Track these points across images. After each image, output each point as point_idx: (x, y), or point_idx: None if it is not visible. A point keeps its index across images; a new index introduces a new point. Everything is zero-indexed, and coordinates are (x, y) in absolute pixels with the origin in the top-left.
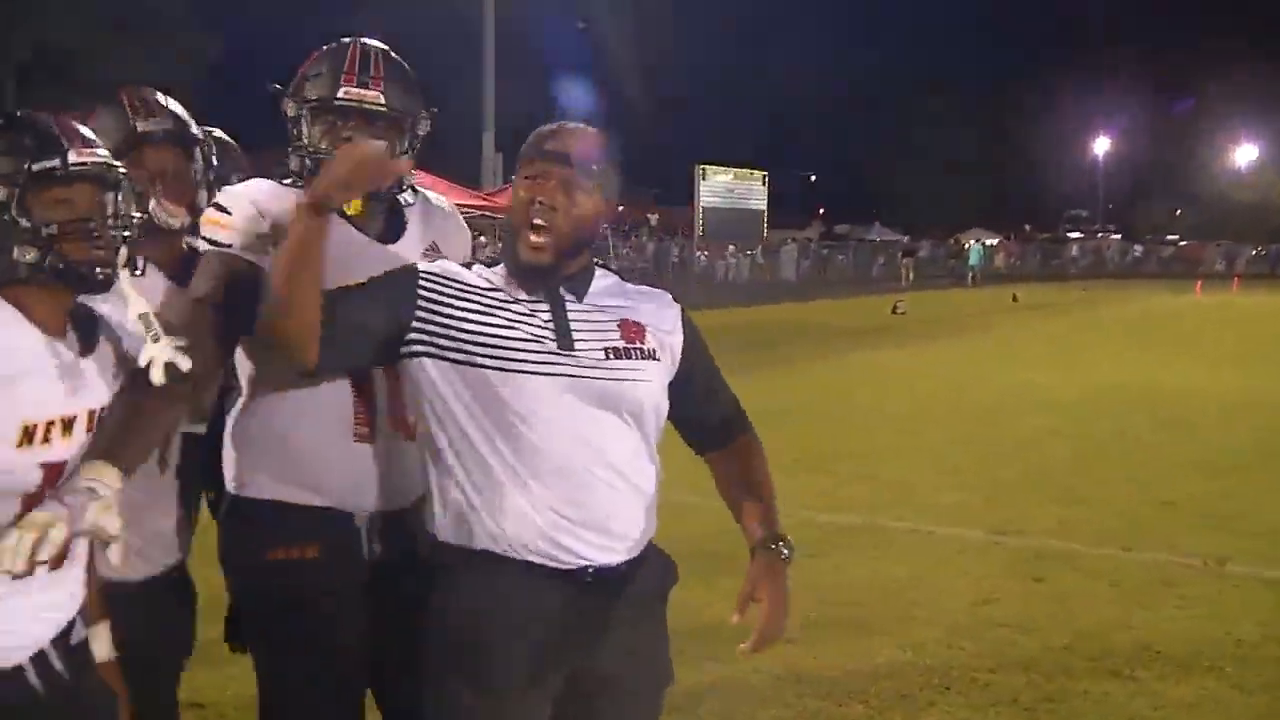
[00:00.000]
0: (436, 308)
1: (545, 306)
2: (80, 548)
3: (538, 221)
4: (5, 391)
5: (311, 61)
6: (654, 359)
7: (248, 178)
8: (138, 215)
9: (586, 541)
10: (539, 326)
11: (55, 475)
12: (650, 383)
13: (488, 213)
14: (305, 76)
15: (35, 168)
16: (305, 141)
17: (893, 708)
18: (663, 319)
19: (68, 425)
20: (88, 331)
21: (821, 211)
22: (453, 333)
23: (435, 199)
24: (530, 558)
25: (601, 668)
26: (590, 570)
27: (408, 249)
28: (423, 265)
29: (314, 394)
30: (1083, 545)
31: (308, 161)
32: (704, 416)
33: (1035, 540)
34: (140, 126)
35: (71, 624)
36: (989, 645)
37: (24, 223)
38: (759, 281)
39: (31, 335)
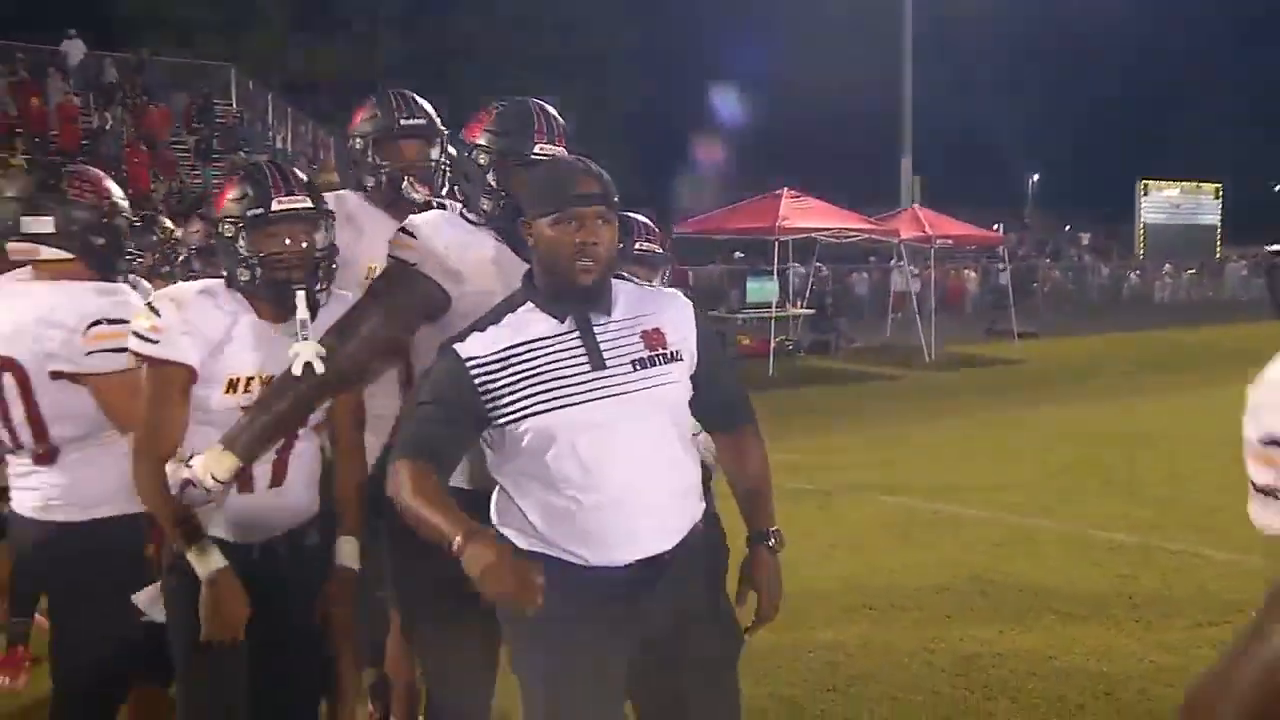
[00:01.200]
0: (492, 387)
1: (575, 333)
2: (301, 474)
3: (587, 262)
4: (216, 354)
5: (494, 118)
6: (677, 359)
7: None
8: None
9: (641, 542)
10: (572, 353)
11: None
12: (676, 383)
13: (874, 237)
14: (495, 132)
15: (250, 213)
16: (497, 187)
17: None
18: (680, 321)
19: (264, 382)
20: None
21: None
22: (513, 397)
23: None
24: (589, 561)
25: (670, 639)
26: (639, 561)
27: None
28: (463, 352)
29: None
30: None
31: (500, 204)
32: (708, 399)
33: None
34: (402, 121)
35: (305, 528)
36: None
37: (243, 252)
38: (1200, 301)
39: (247, 318)
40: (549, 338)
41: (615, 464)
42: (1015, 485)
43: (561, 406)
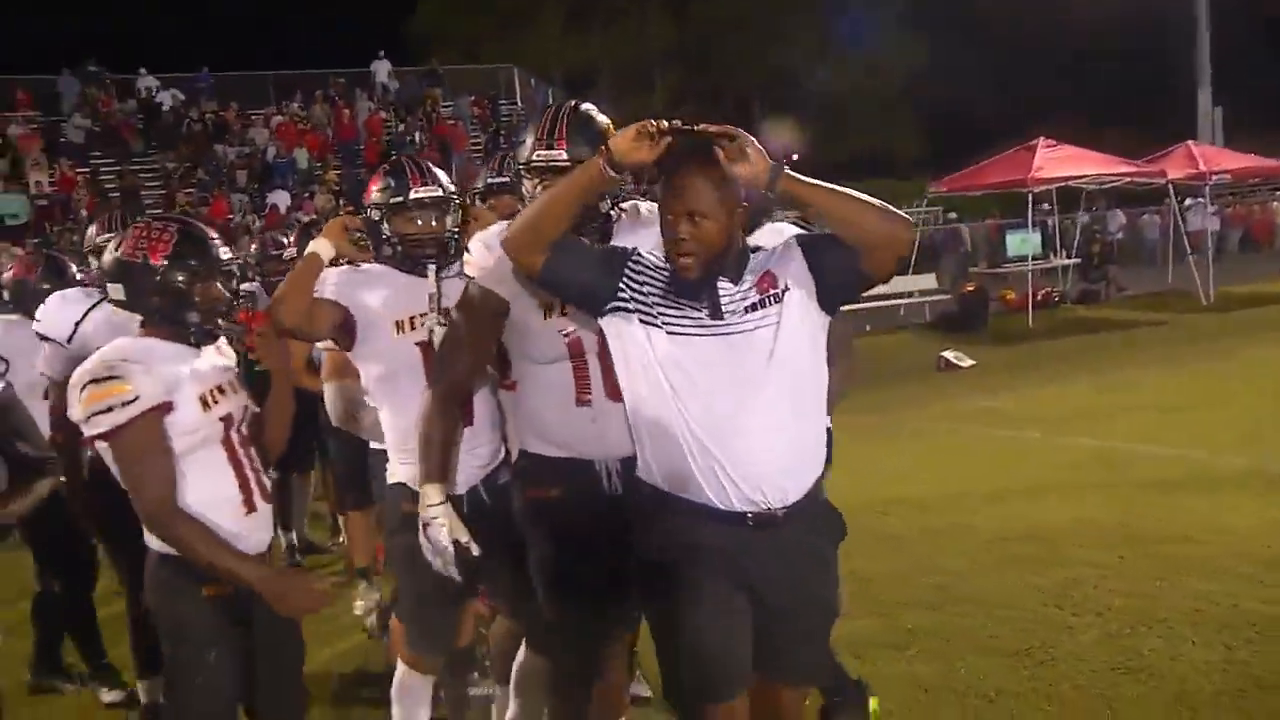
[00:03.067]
0: (636, 281)
1: (705, 292)
2: (485, 420)
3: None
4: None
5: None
6: (786, 294)
7: None
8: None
9: (740, 489)
10: (697, 303)
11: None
12: (776, 323)
13: (1136, 180)
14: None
15: (393, 200)
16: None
17: None
18: (786, 257)
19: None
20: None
21: None
22: (644, 302)
23: (645, 209)
24: (694, 499)
25: (771, 598)
26: (749, 516)
27: None
28: (637, 252)
29: (546, 375)
30: None
31: None
32: (844, 269)
33: None
34: (414, 193)
35: (497, 470)
36: None
37: (387, 233)
38: None
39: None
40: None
41: (719, 404)
42: (1217, 429)
43: (678, 333)
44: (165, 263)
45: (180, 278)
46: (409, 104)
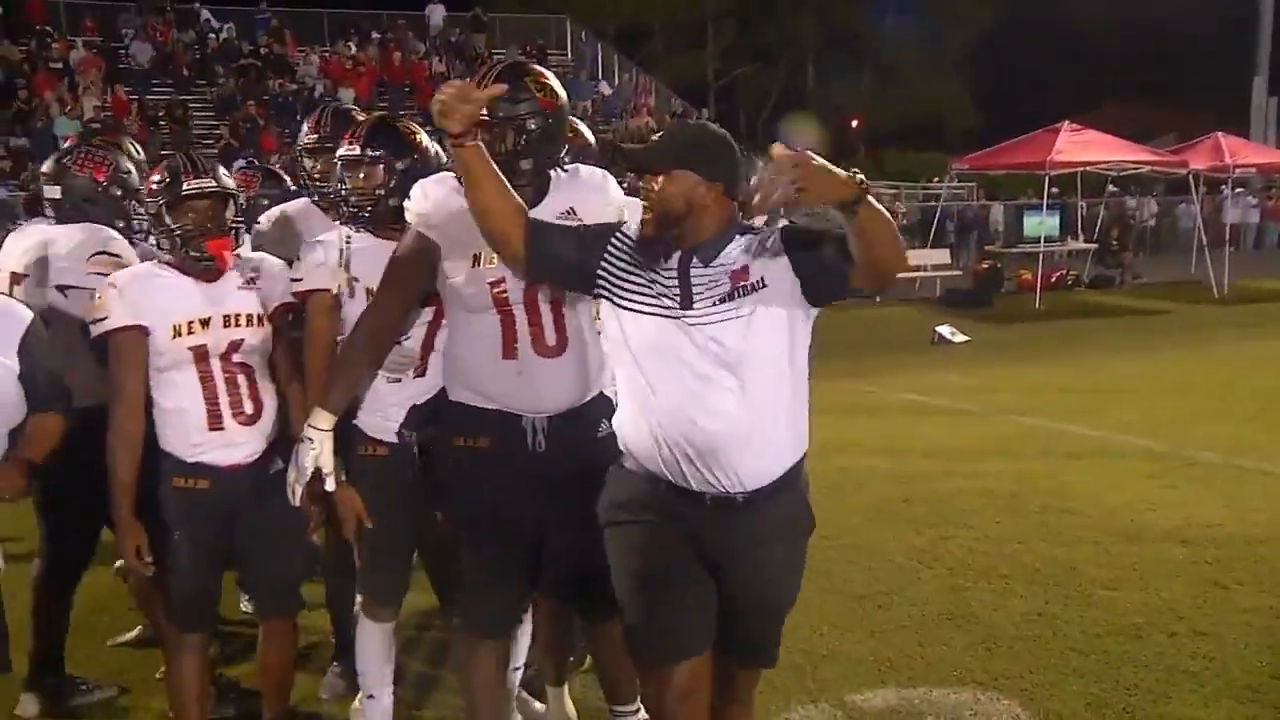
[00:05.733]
0: (613, 262)
1: (675, 273)
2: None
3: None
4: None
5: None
6: (759, 288)
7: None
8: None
9: (700, 473)
10: (669, 288)
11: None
12: (749, 315)
13: (1158, 169)
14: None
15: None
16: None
17: None
18: (769, 250)
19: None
20: None
21: None
22: (618, 284)
23: (586, 173)
24: (655, 472)
25: (727, 577)
26: (708, 497)
27: (545, 212)
28: (619, 231)
29: (474, 326)
30: None
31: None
32: (833, 274)
33: None
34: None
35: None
36: None
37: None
38: None
39: None
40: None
41: (677, 390)
42: (1149, 414)
43: (646, 315)
44: (149, 192)
45: (154, 209)
46: (459, 49)
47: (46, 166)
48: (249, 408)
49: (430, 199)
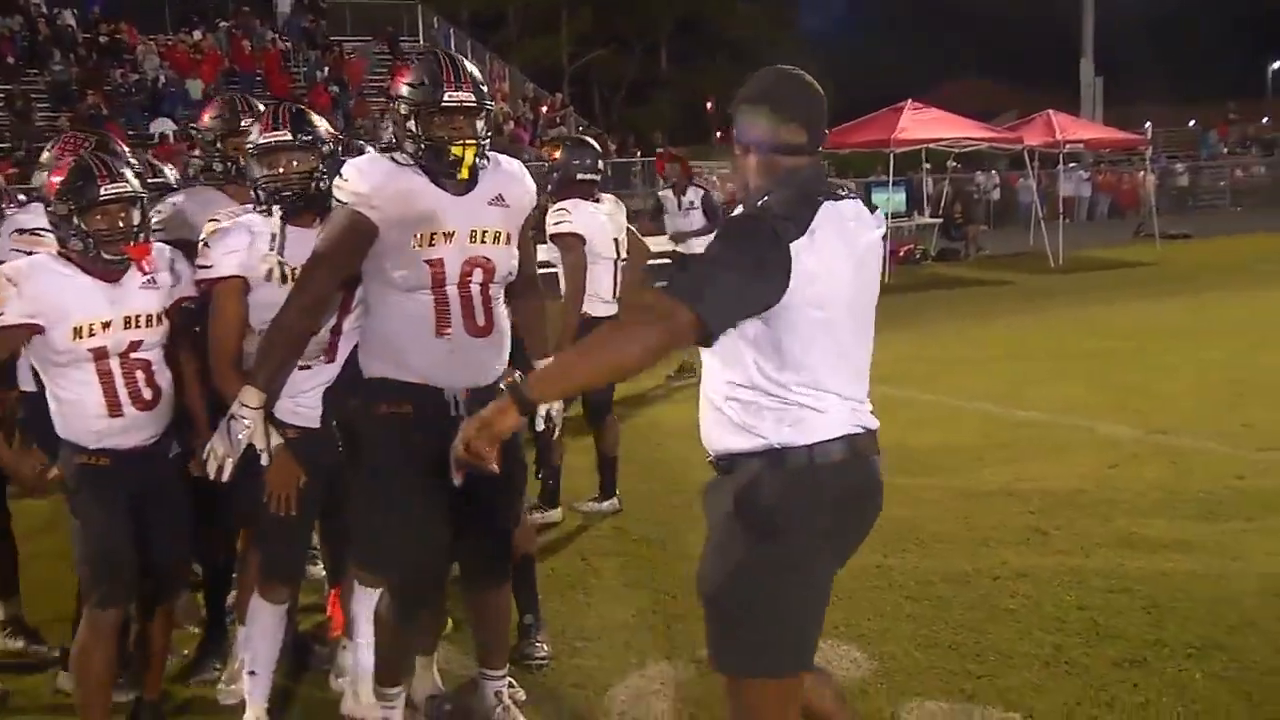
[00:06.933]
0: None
1: None
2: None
3: None
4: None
5: (410, 72)
6: None
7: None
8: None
9: None
10: None
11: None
12: None
13: (996, 145)
14: (411, 85)
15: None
16: (420, 133)
17: None
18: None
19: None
20: None
21: None
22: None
23: (505, 161)
24: None
25: None
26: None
27: (478, 198)
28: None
29: (406, 305)
30: None
31: (422, 148)
32: None
33: None
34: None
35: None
36: None
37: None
38: None
39: None
40: None
41: None
42: (986, 379)
43: None
44: (56, 193)
45: (63, 210)
46: (309, 36)
47: None
48: (147, 394)
49: (368, 179)
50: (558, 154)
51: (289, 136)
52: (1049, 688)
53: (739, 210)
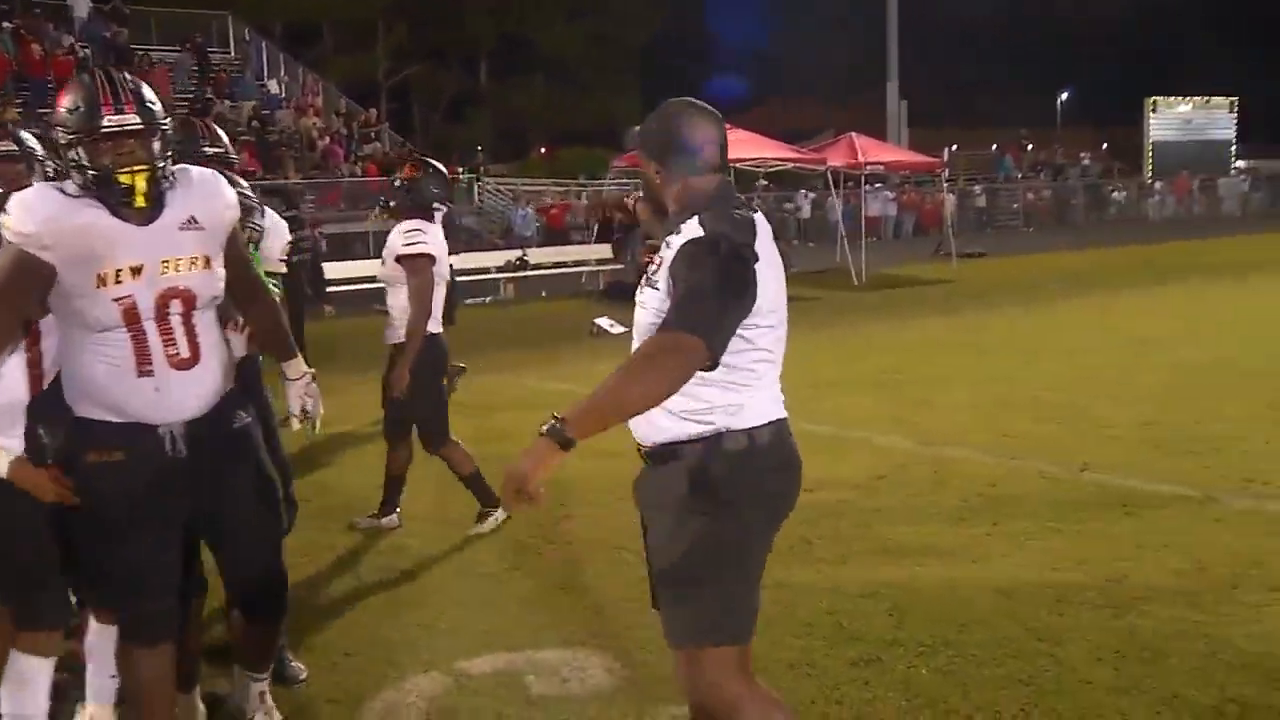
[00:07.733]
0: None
1: None
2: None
3: None
4: None
5: (66, 96)
6: (655, 282)
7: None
8: None
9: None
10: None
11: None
12: (644, 306)
13: (802, 166)
14: (68, 109)
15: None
16: (86, 163)
17: None
18: (669, 256)
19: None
20: None
21: None
22: None
23: (197, 174)
24: None
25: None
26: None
27: (167, 226)
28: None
29: (101, 346)
30: None
31: (89, 178)
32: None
33: None
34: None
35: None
36: None
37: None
38: (1193, 218)
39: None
40: None
41: None
42: None
43: None
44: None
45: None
46: (114, 46)
47: None
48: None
49: (35, 216)
50: (416, 173)
51: None
52: (787, 689)
53: (690, 234)
